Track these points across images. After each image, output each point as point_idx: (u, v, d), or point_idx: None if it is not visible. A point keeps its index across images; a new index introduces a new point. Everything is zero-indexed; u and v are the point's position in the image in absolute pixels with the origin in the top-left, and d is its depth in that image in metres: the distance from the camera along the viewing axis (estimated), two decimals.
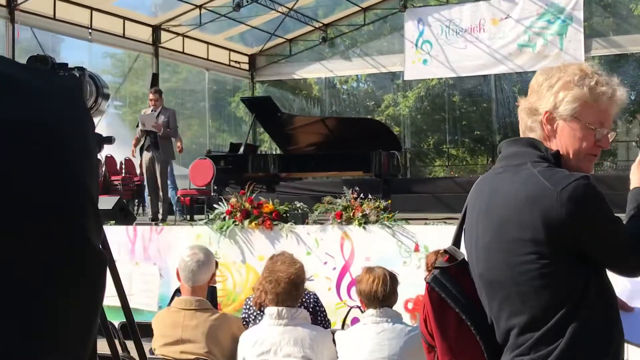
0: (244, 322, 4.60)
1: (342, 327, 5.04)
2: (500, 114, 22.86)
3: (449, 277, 2.17)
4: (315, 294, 4.81)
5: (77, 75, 2.04)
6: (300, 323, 3.49)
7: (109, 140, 2.20)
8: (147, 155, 10.55)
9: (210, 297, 4.84)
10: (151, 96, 10.68)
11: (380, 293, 3.64)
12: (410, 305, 7.87)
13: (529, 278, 2.00)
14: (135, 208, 16.54)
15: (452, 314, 2.15)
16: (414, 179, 18.89)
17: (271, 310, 3.51)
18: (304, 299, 4.71)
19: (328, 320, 4.86)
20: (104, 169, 16.68)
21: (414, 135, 26.47)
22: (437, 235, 7.91)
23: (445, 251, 2.23)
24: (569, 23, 17.57)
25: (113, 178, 16.48)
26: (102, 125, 19.23)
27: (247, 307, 4.75)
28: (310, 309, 4.68)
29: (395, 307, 3.80)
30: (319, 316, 4.76)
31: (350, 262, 8.26)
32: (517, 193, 2.03)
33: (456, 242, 2.26)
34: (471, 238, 2.18)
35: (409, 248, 8.00)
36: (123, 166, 17.49)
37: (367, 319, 3.61)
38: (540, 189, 1.98)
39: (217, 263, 5.28)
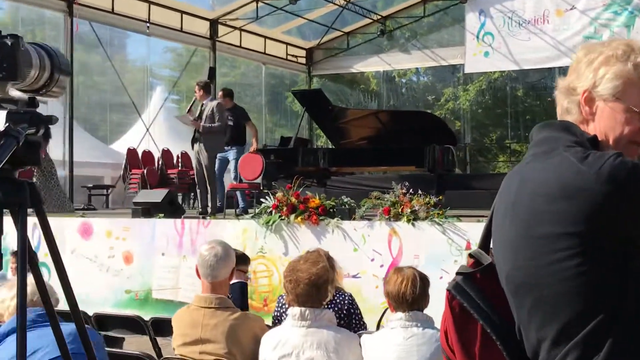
0: (276, 321, 4.40)
1: (377, 328, 4.80)
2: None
3: (473, 284, 1.90)
4: (350, 295, 4.58)
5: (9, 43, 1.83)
6: (325, 325, 3.27)
7: (50, 119, 1.99)
8: (195, 148, 10.50)
9: (239, 294, 4.66)
10: (196, 89, 10.61)
11: (409, 295, 3.39)
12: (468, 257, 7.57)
13: (561, 279, 1.71)
14: (191, 201, 16.60)
15: (475, 327, 1.88)
16: (472, 175, 18.44)
17: (294, 311, 3.30)
18: (338, 300, 4.49)
19: (364, 323, 4.63)
20: (160, 162, 16.74)
21: (475, 130, 25.94)
22: None
23: (470, 255, 1.97)
24: (637, 14, 16.90)
25: (169, 171, 16.53)
26: (159, 119, 19.38)
27: (280, 305, 4.55)
28: (345, 311, 4.46)
29: (427, 311, 3.54)
30: (353, 319, 4.54)
31: (398, 259, 7.99)
32: (547, 180, 1.74)
33: (483, 244, 1.97)
34: (498, 237, 1.90)
35: (460, 246, 7.69)
36: (180, 160, 17.57)
37: (395, 323, 3.36)
38: (573, 172, 1.70)
39: (248, 259, 5.10)
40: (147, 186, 15.54)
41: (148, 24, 17.02)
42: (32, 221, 7.17)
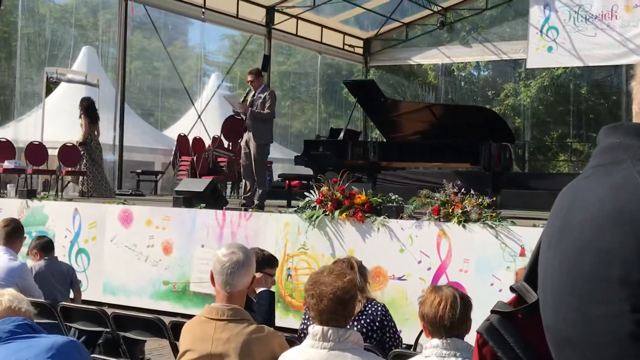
0: (301, 334, 4.01)
1: (414, 348, 4.37)
2: (631, 108, 21.25)
3: (513, 327, 1.46)
4: (384, 306, 4.15)
5: None
6: (350, 348, 2.85)
7: None
8: (244, 136, 10.08)
9: (267, 304, 4.28)
10: (249, 77, 10.17)
11: (448, 319, 2.94)
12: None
13: (614, 339, 1.23)
14: (240, 190, 16.33)
15: None
16: (530, 174, 17.73)
17: (315, 330, 2.89)
18: (369, 311, 4.08)
19: (398, 337, 4.19)
20: (210, 150, 16.51)
21: (536, 128, 25.17)
22: None
23: (512, 289, 1.52)
24: None
25: (219, 160, 16.27)
26: (213, 105, 19.18)
27: (307, 316, 4.15)
28: (377, 323, 4.04)
29: (468, 338, 3.08)
30: (387, 332, 4.11)
31: (447, 262, 7.52)
32: (603, 205, 1.27)
33: (529, 277, 1.51)
34: (541, 274, 1.43)
35: (514, 252, 7.19)
36: (230, 148, 17.31)
37: (431, 351, 2.92)
38: (637, 198, 1.23)
39: (277, 261, 4.71)
40: (197, 173, 15.32)
41: (203, 10, 16.75)
42: (74, 206, 6.93)
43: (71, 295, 6.68)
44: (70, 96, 16.52)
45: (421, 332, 4.35)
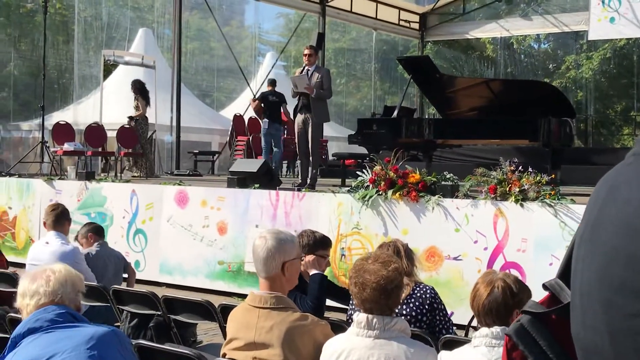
0: (349, 319, 3.93)
1: (466, 334, 4.23)
2: None
3: (545, 329, 1.34)
4: (432, 289, 4.03)
5: None
6: (396, 336, 2.76)
7: None
8: (300, 117, 9.97)
9: (317, 288, 4.23)
10: (306, 51, 10.03)
11: (501, 306, 2.82)
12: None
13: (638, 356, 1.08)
14: (296, 170, 16.36)
15: None
16: (593, 149, 17.29)
17: (360, 318, 2.81)
18: (418, 294, 3.97)
19: (449, 320, 4.07)
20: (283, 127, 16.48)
21: (598, 101, 24.51)
22: None
23: (544, 286, 1.40)
24: None
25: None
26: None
27: (353, 303, 4.07)
28: (427, 306, 3.94)
29: None
30: (437, 315, 4.00)
31: (504, 242, 7.35)
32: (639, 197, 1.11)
33: (565, 272, 1.38)
34: (572, 272, 1.27)
35: (574, 230, 6.96)
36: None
37: (480, 340, 2.81)
38: None
39: (330, 242, 4.63)
40: (253, 153, 15.36)
41: None
42: (131, 187, 6.98)
43: (125, 276, 6.73)
44: (128, 78, 16.66)
45: (473, 316, 4.23)
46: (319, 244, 4.47)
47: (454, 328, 4.25)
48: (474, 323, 3.14)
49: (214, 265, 9.27)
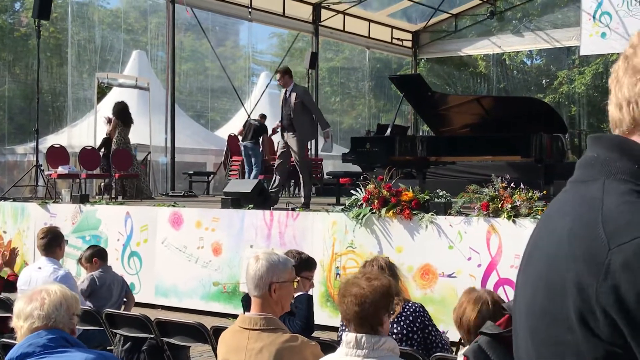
0: (339, 339, 3.94)
1: (456, 352, 4.24)
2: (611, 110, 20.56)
3: (502, 350, 1.35)
4: (421, 306, 4.03)
5: None
6: (385, 356, 2.78)
7: None
8: (284, 137, 10.15)
9: (305, 308, 4.24)
10: (277, 76, 10.25)
11: (473, 322, 2.84)
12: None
13: None
14: (291, 189, 16.37)
15: None
16: None
17: (349, 338, 2.82)
18: (408, 312, 3.98)
19: (440, 336, 4.07)
20: (260, 149, 16.56)
21: (592, 115, 24.60)
22: None
23: (503, 308, 1.42)
24: None
25: (271, 157, 16.31)
26: (263, 102, 19.22)
27: (342, 326, 4.08)
28: (418, 324, 3.95)
29: None
30: (430, 333, 4.01)
31: (497, 259, 7.37)
32: (562, 235, 1.12)
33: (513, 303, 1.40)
34: (514, 298, 1.30)
35: None
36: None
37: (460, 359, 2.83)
38: (588, 234, 1.07)
39: (314, 263, 4.64)
40: (244, 173, 15.39)
41: (250, 9, 16.79)
42: (125, 210, 7.00)
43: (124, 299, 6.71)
44: (123, 100, 16.78)
45: (458, 346, 4.24)
46: (303, 265, 4.48)
47: (448, 345, 4.26)
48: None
49: (209, 286, 9.27)
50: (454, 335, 4.99)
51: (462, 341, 2.95)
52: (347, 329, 3.01)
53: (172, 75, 15.62)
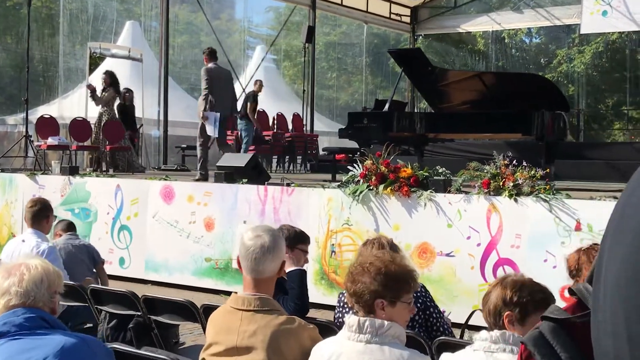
0: (338, 322, 3.72)
1: (461, 336, 4.04)
2: None
3: (568, 338, 1.14)
4: (422, 286, 3.80)
5: None
6: (389, 342, 2.55)
7: None
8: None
9: (298, 284, 4.00)
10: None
11: (499, 308, 2.61)
12: (567, 294, 6.70)
13: None
14: (286, 164, 16.15)
15: None
16: (586, 143, 17.11)
17: (351, 321, 2.60)
18: None
19: (442, 318, 3.85)
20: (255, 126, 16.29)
21: (590, 95, 24.38)
22: (605, 212, 6.67)
23: (570, 291, 1.20)
24: None
25: (265, 133, 16.05)
26: (259, 76, 18.93)
27: (340, 304, 3.85)
28: (419, 305, 3.73)
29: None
30: (432, 315, 3.79)
31: (497, 238, 7.16)
32: None
33: (594, 275, 1.19)
34: (597, 266, 1.10)
35: (569, 226, 6.79)
36: (275, 121, 17.08)
37: (479, 344, 2.60)
38: None
39: (308, 237, 4.41)
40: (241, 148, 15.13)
41: None
42: (116, 182, 6.73)
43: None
44: (115, 71, 16.46)
45: (470, 315, 4.04)
46: (298, 238, 4.22)
47: (449, 325, 4.05)
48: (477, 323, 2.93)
49: (201, 262, 9.05)
50: (452, 316, 4.82)
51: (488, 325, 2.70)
52: (350, 310, 2.79)
53: (165, 47, 15.30)
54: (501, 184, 7.12)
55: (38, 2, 19.84)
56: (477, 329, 4.09)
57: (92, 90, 12.75)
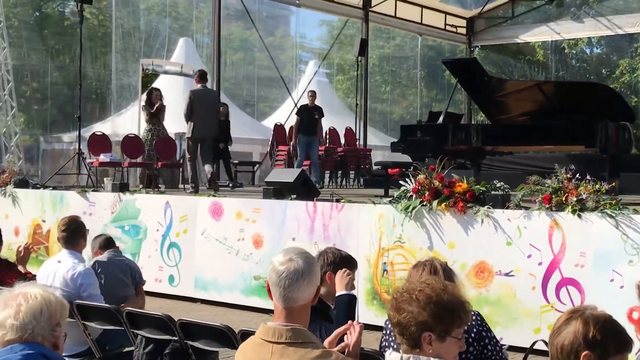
0: (382, 351, 3.39)
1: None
2: None
3: None
4: (478, 314, 3.44)
5: None
6: None
7: None
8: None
9: (344, 311, 3.67)
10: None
11: (573, 351, 2.25)
12: (636, 315, 6.25)
13: None
14: (339, 179, 15.90)
15: None
16: None
17: (393, 357, 2.29)
18: None
19: (500, 349, 3.47)
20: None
21: None
22: None
23: None
24: None
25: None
26: (312, 88, 18.74)
27: (388, 331, 3.52)
28: (473, 335, 3.37)
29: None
30: (488, 345, 3.42)
31: (560, 257, 6.73)
32: None
33: None
34: None
35: (637, 244, 6.34)
36: (327, 136, 16.83)
37: None
38: None
39: (356, 262, 4.09)
40: (293, 163, 14.92)
41: None
42: (165, 199, 6.49)
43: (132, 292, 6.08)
44: (167, 88, 16.44)
45: (534, 343, 3.67)
46: (345, 262, 3.90)
47: (506, 351, 3.68)
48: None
49: (250, 280, 8.82)
50: (511, 339, 4.42)
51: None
52: (392, 344, 2.47)
53: (217, 63, 15.23)
54: (564, 199, 6.69)
55: (95, 20, 20.08)
56: (537, 352, 3.73)
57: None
